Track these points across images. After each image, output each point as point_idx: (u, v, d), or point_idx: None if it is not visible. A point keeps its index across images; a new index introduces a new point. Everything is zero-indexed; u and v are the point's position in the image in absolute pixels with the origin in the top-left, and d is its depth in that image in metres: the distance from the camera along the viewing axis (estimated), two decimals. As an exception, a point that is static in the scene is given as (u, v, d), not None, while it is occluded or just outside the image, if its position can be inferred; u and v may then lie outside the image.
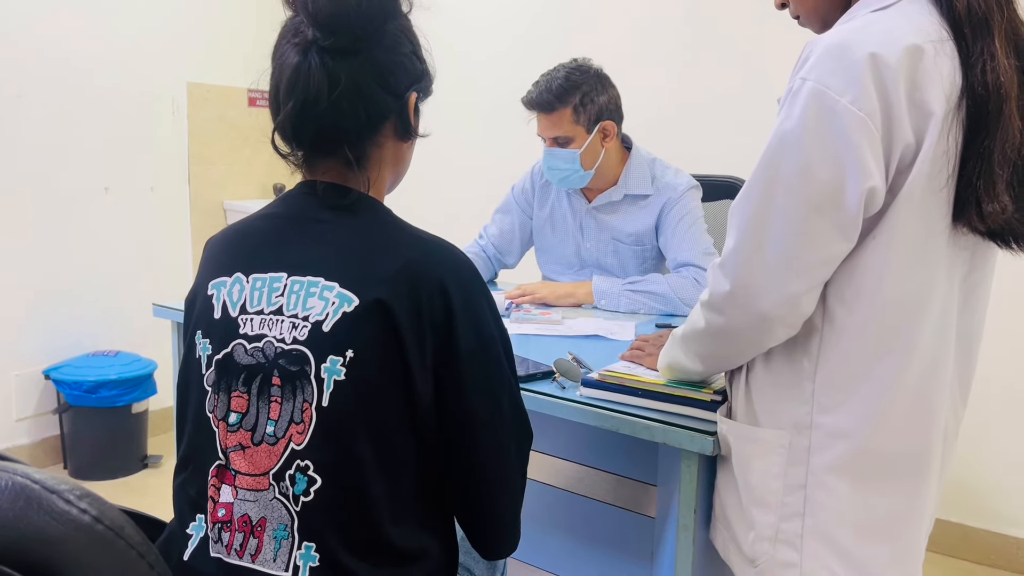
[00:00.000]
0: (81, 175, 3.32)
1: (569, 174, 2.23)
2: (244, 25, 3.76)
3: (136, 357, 3.32)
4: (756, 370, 1.20)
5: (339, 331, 1.01)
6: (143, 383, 3.24)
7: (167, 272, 3.63)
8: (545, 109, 2.18)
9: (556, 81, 2.16)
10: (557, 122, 2.18)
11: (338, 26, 1.03)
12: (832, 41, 1.03)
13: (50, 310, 3.27)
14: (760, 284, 1.09)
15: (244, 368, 1.04)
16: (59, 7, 3.17)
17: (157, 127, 3.57)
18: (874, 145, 1.01)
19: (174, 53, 3.58)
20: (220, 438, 1.05)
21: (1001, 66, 1.02)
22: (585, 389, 1.42)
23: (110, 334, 3.45)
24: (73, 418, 3.18)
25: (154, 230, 3.60)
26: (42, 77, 3.15)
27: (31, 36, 3.11)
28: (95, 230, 3.38)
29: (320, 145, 1.09)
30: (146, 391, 3.26)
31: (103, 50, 3.33)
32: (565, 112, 2.17)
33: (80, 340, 3.37)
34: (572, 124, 2.18)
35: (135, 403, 3.22)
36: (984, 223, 1.05)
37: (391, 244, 1.06)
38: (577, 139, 2.19)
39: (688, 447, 1.28)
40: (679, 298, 2.15)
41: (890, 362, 1.09)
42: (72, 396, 3.13)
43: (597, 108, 2.19)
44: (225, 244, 1.14)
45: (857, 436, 1.11)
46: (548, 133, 2.20)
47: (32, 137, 3.15)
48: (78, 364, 3.22)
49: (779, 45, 2.50)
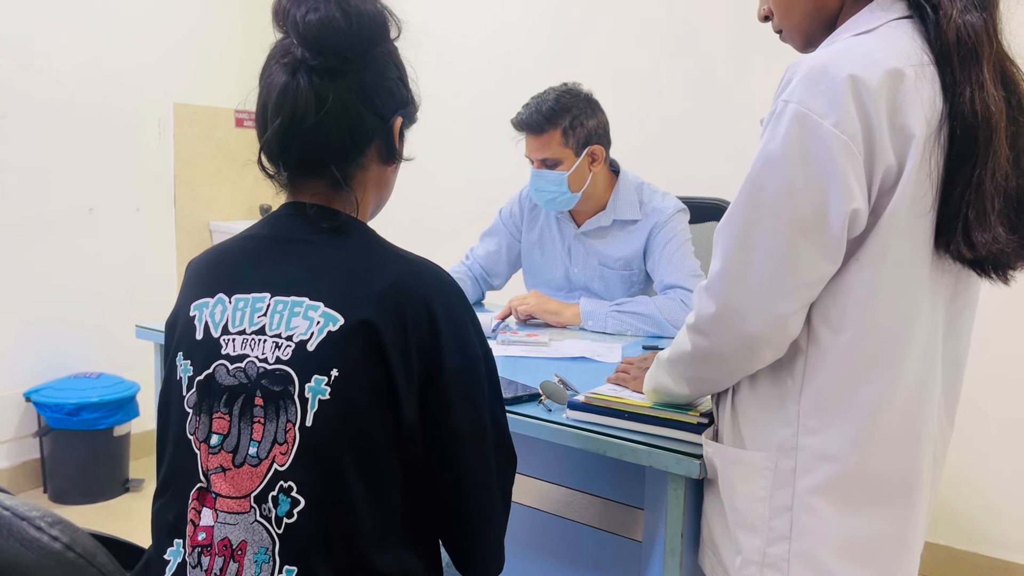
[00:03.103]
0: (66, 195, 3.30)
1: (556, 196, 2.24)
2: (232, 45, 3.78)
3: (119, 379, 3.29)
4: (742, 392, 1.20)
5: (324, 350, 1.00)
6: (125, 405, 3.21)
7: (152, 293, 3.60)
8: (534, 131, 2.19)
9: (546, 103, 2.17)
10: (546, 144, 2.19)
11: (327, 47, 1.04)
12: (814, 64, 1.04)
13: (32, 331, 3.25)
14: (746, 306, 1.09)
15: (226, 389, 1.03)
16: (45, 26, 3.17)
17: (143, 147, 3.56)
18: (856, 167, 1.02)
19: (161, 73, 3.59)
20: (201, 460, 1.04)
21: (990, 95, 1.03)
22: (571, 412, 1.42)
23: (93, 356, 3.42)
24: (54, 441, 3.15)
25: (139, 251, 3.58)
26: (27, 97, 3.15)
27: (16, 55, 3.10)
28: (79, 251, 3.36)
29: (305, 165, 1.09)
30: (128, 414, 3.23)
31: (90, 70, 3.33)
32: (554, 134, 2.18)
33: (62, 362, 3.34)
34: (561, 147, 2.19)
35: (117, 426, 3.19)
36: (973, 251, 1.05)
37: (377, 264, 1.06)
38: (565, 162, 2.20)
39: (675, 470, 1.27)
40: (666, 319, 2.15)
41: (876, 384, 1.09)
42: (53, 419, 3.10)
43: (586, 132, 2.20)
44: (208, 265, 1.14)
45: (843, 458, 1.11)
46: (536, 155, 2.21)
47: (17, 157, 3.13)
48: (60, 386, 3.19)
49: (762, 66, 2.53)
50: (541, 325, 2.26)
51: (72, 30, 3.25)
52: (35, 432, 3.23)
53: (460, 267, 2.52)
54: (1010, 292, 1.17)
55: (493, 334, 2.05)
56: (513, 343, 1.99)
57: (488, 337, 1.71)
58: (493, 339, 2.01)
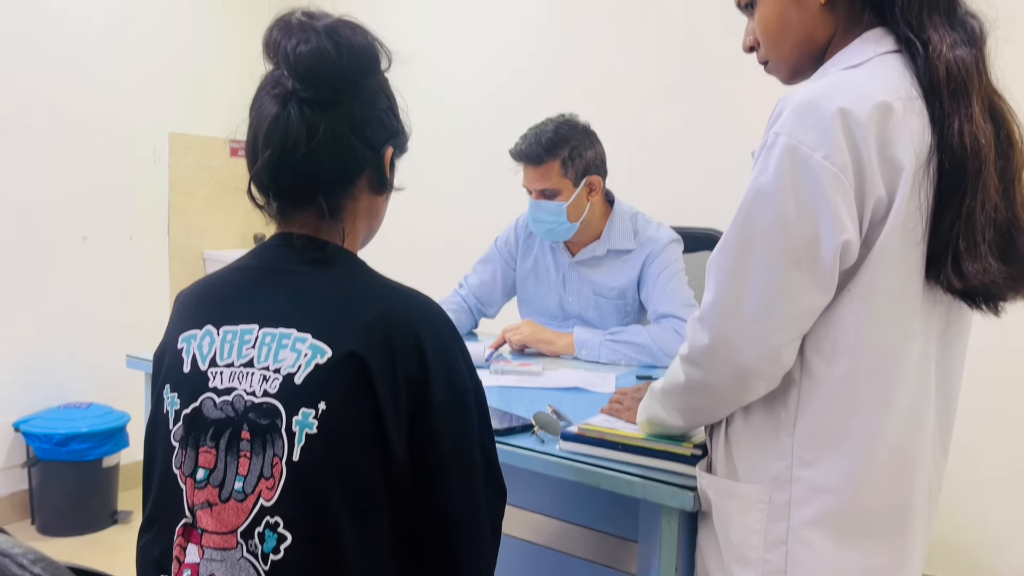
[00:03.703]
0: (60, 224, 3.30)
1: (555, 226, 2.25)
2: (227, 75, 3.80)
3: (109, 409, 3.27)
4: (735, 424, 1.19)
5: (311, 383, 0.99)
6: (115, 436, 3.19)
7: (144, 322, 3.58)
8: (534, 161, 2.20)
9: (545, 135, 2.18)
10: (545, 175, 2.20)
11: (318, 78, 1.04)
12: (804, 97, 1.05)
13: (23, 360, 3.23)
14: (740, 337, 1.09)
15: (213, 422, 1.02)
16: (41, 55, 3.19)
17: (138, 176, 3.57)
18: (847, 199, 1.02)
19: (156, 103, 3.60)
20: (187, 495, 1.02)
21: (979, 128, 1.04)
22: (565, 443, 1.41)
23: (83, 385, 3.40)
24: (42, 472, 3.12)
25: (132, 280, 3.57)
26: (22, 124, 3.16)
27: (11, 83, 3.12)
28: (72, 279, 3.35)
29: (295, 195, 1.09)
30: (118, 444, 3.20)
31: (85, 99, 3.34)
32: (553, 165, 2.19)
33: (52, 391, 3.31)
34: (560, 177, 2.20)
35: (106, 457, 3.17)
36: (963, 281, 1.05)
37: (365, 295, 1.06)
38: (564, 192, 2.21)
39: (669, 503, 1.26)
40: (660, 349, 2.14)
41: (869, 415, 1.08)
42: (42, 449, 3.07)
43: (584, 162, 2.22)
44: (196, 297, 1.13)
45: (838, 491, 1.10)
46: (536, 185, 2.22)
47: (11, 185, 3.14)
48: (49, 416, 3.16)
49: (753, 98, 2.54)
50: (535, 354, 2.25)
51: (69, 58, 3.27)
52: (24, 463, 3.20)
53: (454, 296, 2.52)
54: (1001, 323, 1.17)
55: (486, 363, 2.04)
56: (507, 373, 1.98)
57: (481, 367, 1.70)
58: (486, 368, 2.00)
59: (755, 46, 1.24)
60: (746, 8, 1.23)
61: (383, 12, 3.78)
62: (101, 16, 3.38)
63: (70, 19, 3.27)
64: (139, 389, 2.44)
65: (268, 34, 1.08)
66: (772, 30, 1.19)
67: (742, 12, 1.24)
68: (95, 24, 3.36)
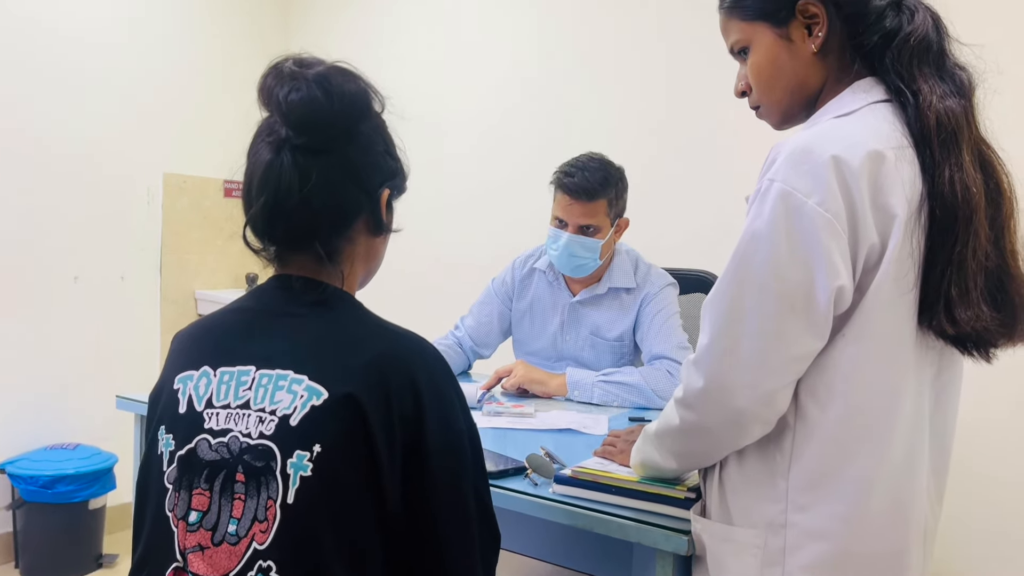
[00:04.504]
0: (50, 263, 3.29)
1: (587, 262, 2.28)
2: (223, 116, 3.82)
3: (96, 450, 3.23)
4: (729, 467, 1.19)
5: (307, 425, 0.99)
6: (102, 478, 3.15)
7: (134, 363, 3.57)
8: (588, 197, 2.22)
9: (599, 172, 2.22)
10: (594, 212, 2.23)
11: (310, 126, 1.05)
12: (797, 145, 1.07)
13: (11, 400, 3.20)
14: (734, 381, 1.09)
15: (207, 464, 1.01)
16: (37, 93, 3.21)
17: (131, 216, 3.57)
18: (841, 245, 1.04)
19: (152, 143, 3.62)
20: (179, 538, 1.01)
21: (970, 177, 1.06)
22: (558, 486, 1.40)
23: (71, 426, 3.36)
24: (27, 514, 3.07)
25: (123, 320, 3.56)
26: (14, 162, 3.16)
27: (5, 119, 3.13)
28: (62, 319, 3.34)
29: (291, 241, 1.10)
30: (104, 486, 3.16)
31: (80, 138, 3.36)
32: (602, 203, 2.23)
33: (40, 432, 3.28)
34: (605, 215, 2.25)
35: (92, 499, 3.12)
36: (956, 327, 1.07)
37: (361, 337, 1.06)
38: (603, 230, 2.25)
39: (663, 546, 1.25)
40: (652, 390, 2.15)
41: (864, 460, 1.09)
42: (27, 491, 3.03)
43: (622, 204, 2.29)
44: (193, 338, 1.13)
45: (834, 537, 1.09)
46: (582, 220, 2.23)
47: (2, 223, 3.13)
48: (36, 457, 3.13)
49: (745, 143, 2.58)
50: (527, 396, 2.25)
51: (64, 96, 3.29)
52: (8, 504, 3.15)
53: (449, 337, 2.53)
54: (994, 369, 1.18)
55: (479, 404, 2.04)
56: (499, 414, 1.98)
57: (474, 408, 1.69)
58: (479, 410, 1.99)
59: (747, 91, 1.26)
60: (739, 54, 1.25)
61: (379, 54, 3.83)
62: (97, 54, 3.40)
63: (66, 57, 3.29)
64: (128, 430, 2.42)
65: (262, 81, 1.09)
66: (764, 76, 1.21)
67: (734, 58, 1.26)
68: (91, 63, 3.38)
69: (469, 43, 3.68)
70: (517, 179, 3.42)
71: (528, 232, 2.79)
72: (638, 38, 3.21)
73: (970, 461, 2.33)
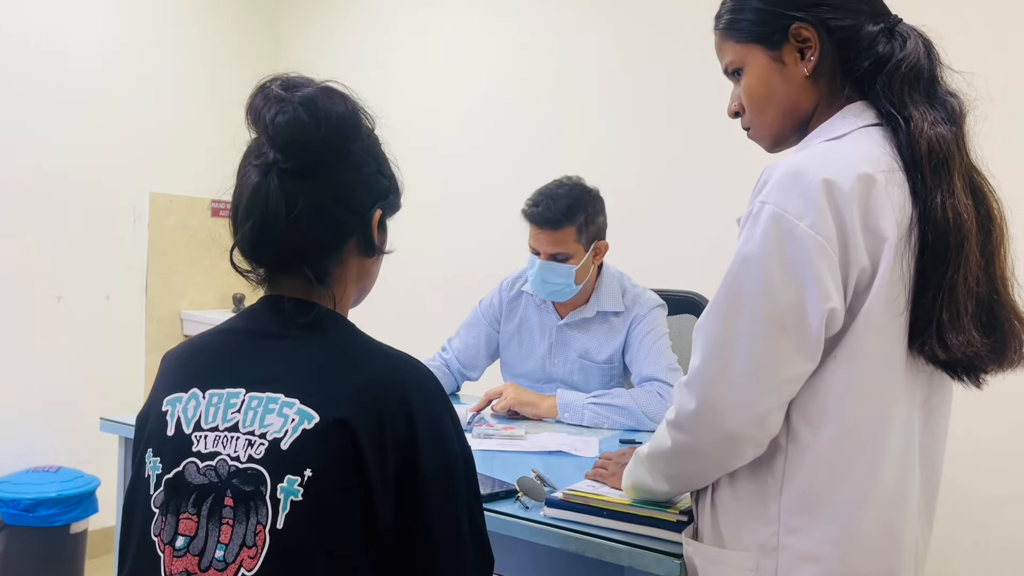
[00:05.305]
0: (33, 283, 3.27)
1: (561, 288, 2.27)
2: (211, 135, 3.82)
3: (79, 473, 3.19)
4: (721, 490, 1.19)
5: (298, 449, 0.98)
6: (84, 501, 3.11)
7: (118, 384, 3.54)
8: (552, 226, 2.21)
9: (564, 200, 2.20)
10: (562, 240, 2.22)
11: (298, 149, 1.04)
12: (788, 168, 1.07)
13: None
14: (727, 403, 1.09)
15: (195, 488, 1.00)
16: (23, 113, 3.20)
17: (117, 235, 3.56)
18: (832, 267, 1.04)
19: (139, 162, 3.61)
20: (164, 564, 1.00)
21: (961, 203, 1.07)
22: (549, 509, 1.39)
23: (54, 448, 3.33)
24: (8, 538, 3.02)
25: (107, 340, 3.53)
26: (0, 182, 3.15)
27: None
28: (45, 339, 3.31)
29: (281, 263, 1.09)
30: (86, 510, 3.12)
31: (66, 157, 3.35)
32: (570, 231, 2.21)
33: (22, 454, 3.24)
34: (575, 242, 2.23)
35: (74, 523, 3.08)
36: (947, 352, 1.07)
37: (354, 360, 1.05)
38: (575, 256, 2.23)
39: (655, 570, 1.25)
40: (643, 411, 2.14)
41: (856, 482, 1.09)
42: (8, 515, 2.99)
43: (596, 228, 2.26)
44: (182, 359, 1.12)
45: (825, 559, 1.09)
46: (551, 249, 2.23)
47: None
48: (17, 480, 3.09)
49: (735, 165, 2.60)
50: (517, 417, 2.24)
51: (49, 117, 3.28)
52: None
53: (436, 359, 2.51)
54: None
55: (469, 427, 2.03)
56: (489, 436, 1.97)
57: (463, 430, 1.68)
58: (469, 432, 1.98)
59: (740, 112, 1.27)
60: (732, 74, 1.26)
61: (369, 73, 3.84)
62: (84, 74, 3.40)
63: (52, 78, 3.29)
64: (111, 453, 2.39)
65: (250, 102, 1.08)
66: (757, 97, 1.22)
67: (728, 78, 1.27)
68: (78, 83, 3.38)
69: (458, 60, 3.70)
70: (504, 197, 3.41)
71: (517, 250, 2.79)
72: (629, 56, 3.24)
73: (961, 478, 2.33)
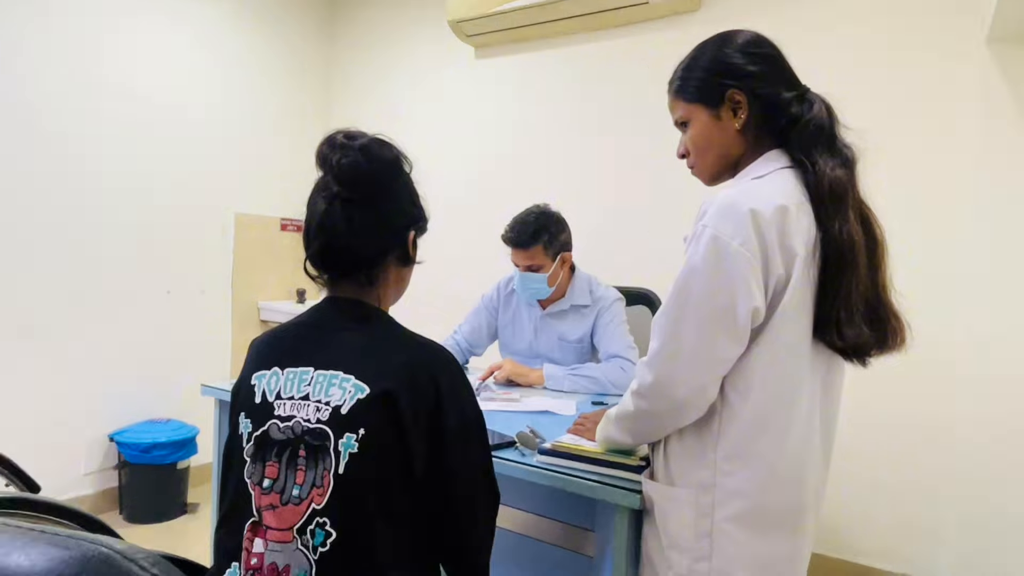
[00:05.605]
0: (150, 279, 3.24)
1: (538, 291, 2.27)
2: (279, 171, 3.79)
3: (183, 424, 3.18)
4: (672, 442, 1.19)
5: (354, 414, 0.98)
6: (187, 445, 3.09)
7: (211, 356, 3.51)
8: (523, 246, 2.20)
9: (532, 225, 2.19)
10: (532, 256, 2.21)
11: (355, 184, 1.04)
12: (724, 200, 1.07)
13: (118, 386, 3.13)
14: (677, 377, 1.09)
15: (277, 443, 1.00)
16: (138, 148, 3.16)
17: (209, 245, 3.52)
18: (757, 276, 1.04)
19: (228, 191, 3.58)
20: (255, 499, 0.99)
21: (854, 229, 1.07)
22: (541, 456, 1.39)
23: (164, 404, 3.30)
24: (130, 473, 3.01)
25: (202, 323, 3.50)
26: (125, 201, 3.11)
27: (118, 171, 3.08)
28: (157, 322, 3.28)
29: (341, 271, 1.09)
30: (189, 451, 3.10)
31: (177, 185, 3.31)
32: (538, 248, 2.20)
33: (140, 409, 3.21)
34: (543, 256, 2.21)
35: (180, 461, 3.06)
36: (843, 342, 1.08)
37: (395, 346, 1.05)
38: (545, 266, 2.22)
39: (621, 502, 1.25)
40: (609, 381, 2.14)
41: (772, 437, 1.09)
42: (130, 455, 2.97)
43: (560, 243, 2.24)
44: (266, 345, 1.11)
45: (750, 494, 1.09)
46: (524, 263, 2.23)
47: (115, 248, 3.09)
48: (137, 429, 3.07)
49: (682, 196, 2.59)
50: (513, 385, 2.23)
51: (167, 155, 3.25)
52: (115, 465, 3.08)
53: (449, 340, 2.50)
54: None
55: (477, 392, 2.02)
56: (492, 399, 1.96)
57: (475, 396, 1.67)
58: (478, 395, 1.97)
59: (686, 154, 1.26)
60: (681, 126, 1.25)
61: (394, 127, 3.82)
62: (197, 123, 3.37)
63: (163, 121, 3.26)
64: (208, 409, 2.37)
65: (319, 148, 1.08)
66: (700, 144, 1.21)
67: (678, 128, 1.26)
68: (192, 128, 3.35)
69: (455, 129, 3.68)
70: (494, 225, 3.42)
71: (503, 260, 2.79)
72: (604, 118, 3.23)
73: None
